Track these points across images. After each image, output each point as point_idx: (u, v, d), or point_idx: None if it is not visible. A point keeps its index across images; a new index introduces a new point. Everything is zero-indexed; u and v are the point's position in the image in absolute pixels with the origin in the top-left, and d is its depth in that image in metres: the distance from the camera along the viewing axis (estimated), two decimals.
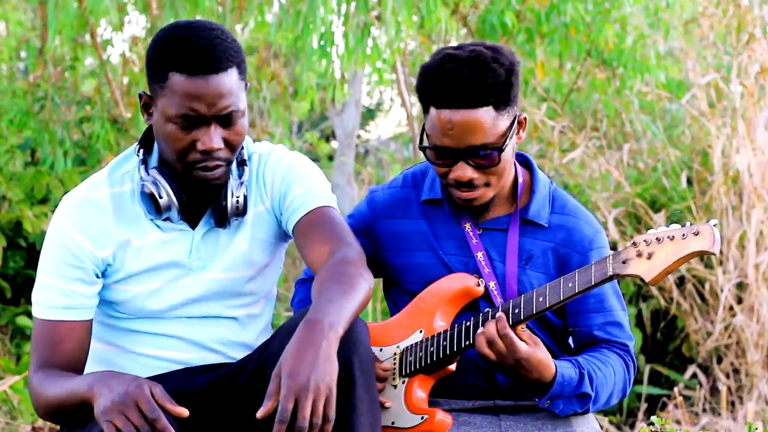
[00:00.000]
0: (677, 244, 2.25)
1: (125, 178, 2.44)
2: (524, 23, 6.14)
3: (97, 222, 2.40)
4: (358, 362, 2.23)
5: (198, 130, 2.31)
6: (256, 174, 2.50)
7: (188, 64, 2.27)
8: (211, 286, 2.46)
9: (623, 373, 2.58)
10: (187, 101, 2.28)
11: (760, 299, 5.30)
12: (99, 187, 2.43)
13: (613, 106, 6.33)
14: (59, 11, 5.56)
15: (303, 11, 5.40)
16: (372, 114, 13.52)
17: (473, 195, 2.51)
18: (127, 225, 2.42)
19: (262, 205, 2.50)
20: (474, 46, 2.49)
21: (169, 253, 2.43)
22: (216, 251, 2.46)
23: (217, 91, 2.29)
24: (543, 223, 2.59)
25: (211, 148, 2.31)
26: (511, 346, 2.37)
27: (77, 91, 6.56)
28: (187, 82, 2.28)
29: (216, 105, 2.29)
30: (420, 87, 2.51)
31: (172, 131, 2.32)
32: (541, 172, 2.66)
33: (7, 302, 6.11)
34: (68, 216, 2.40)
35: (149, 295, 2.44)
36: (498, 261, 2.58)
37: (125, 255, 2.41)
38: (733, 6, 6.00)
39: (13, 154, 6.14)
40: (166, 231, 2.43)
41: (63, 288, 2.37)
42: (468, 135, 2.44)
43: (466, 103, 2.43)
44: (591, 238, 2.60)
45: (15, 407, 4.70)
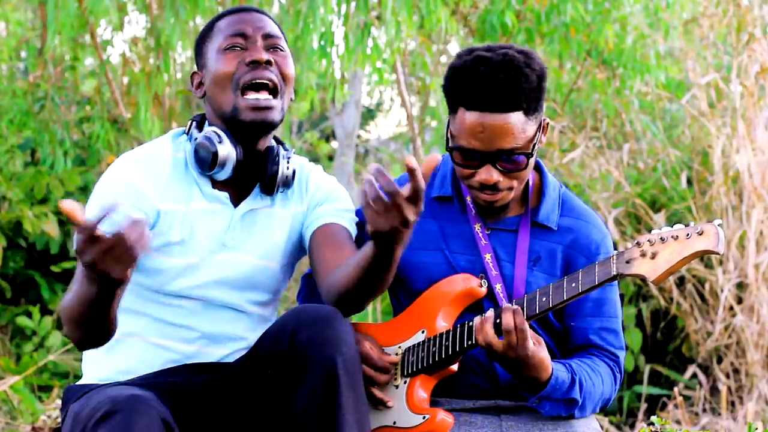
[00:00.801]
0: (681, 244, 2.26)
1: (180, 146, 2.51)
2: (524, 23, 6.14)
3: (158, 177, 2.45)
4: (342, 361, 2.25)
5: (247, 51, 2.44)
6: (299, 178, 2.59)
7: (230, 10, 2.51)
8: (241, 269, 2.49)
9: (611, 384, 2.60)
10: (234, 26, 2.46)
11: (760, 299, 5.30)
12: (163, 148, 2.50)
13: (613, 106, 6.33)
14: (59, 11, 5.55)
15: (303, 11, 5.40)
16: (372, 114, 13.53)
17: (496, 198, 2.52)
18: (179, 190, 2.46)
19: (301, 206, 2.57)
20: (505, 49, 2.49)
21: (208, 225, 2.47)
22: (252, 234, 2.51)
23: (262, 20, 2.50)
24: (552, 226, 2.60)
25: (259, 58, 2.42)
26: (523, 341, 2.38)
27: (77, 91, 6.56)
28: (232, 17, 2.49)
29: (262, 27, 2.47)
30: (449, 87, 2.50)
31: (224, 59, 2.45)
32: (551, 175, 2.66)
33: (7, 302, 6.11)
34: (131, 163, 2.44)
35: (183, 270, 2.45)
36: (506, 262, 2.59)
37: (172, 220, 2.44)
38: (733, 6, 6.00)
39: (13, 154, 6.13)
40: (210, 200, 2.47)
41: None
42: (498, 139, 2.45)
43: (500, 107, 2.43)
44: (598, 242, 2.60)
45: (15, 407, 4.70)
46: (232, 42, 2.46)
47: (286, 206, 2.57)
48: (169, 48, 5.73)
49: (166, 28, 5.52)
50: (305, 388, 2.25)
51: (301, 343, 2.26)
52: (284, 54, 2.50)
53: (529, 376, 2.43)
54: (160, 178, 2.45)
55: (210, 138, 2.44)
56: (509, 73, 2.43)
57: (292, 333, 2.28)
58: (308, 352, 2.25)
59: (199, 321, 2.49)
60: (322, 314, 2.31)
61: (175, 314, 2.48)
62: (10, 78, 6.87)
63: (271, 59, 2.45)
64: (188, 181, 2.48)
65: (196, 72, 2.54)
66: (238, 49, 2.46)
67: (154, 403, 2.21)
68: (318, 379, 2.24)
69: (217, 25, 2.51)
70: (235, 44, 2.46)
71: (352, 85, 8.56)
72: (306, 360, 2.25)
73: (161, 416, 2.20)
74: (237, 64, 2.44)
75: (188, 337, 2.48)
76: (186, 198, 2.46)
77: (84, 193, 6.14)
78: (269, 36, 2.49)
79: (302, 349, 2.25)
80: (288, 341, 2.28)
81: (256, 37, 2.47)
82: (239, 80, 2.43)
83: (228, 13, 2.52)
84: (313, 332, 2.26)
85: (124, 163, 2.45)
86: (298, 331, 2.27)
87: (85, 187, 6.15)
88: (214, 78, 2.46)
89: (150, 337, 2.48)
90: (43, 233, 5.92)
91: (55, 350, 5.59)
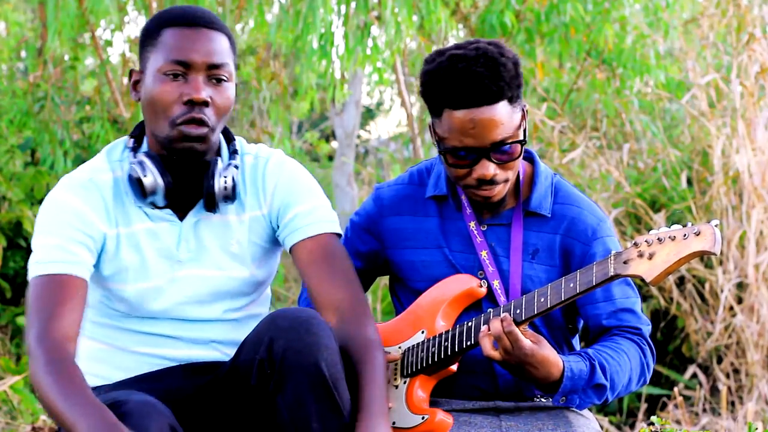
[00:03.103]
0: (678, 244, 2.25)
1: (118, 166, 2.46)
2: (524, 23, 6.14)
3: (100, 202, 2.41)
4: (324, 367, 2.21)
5: (186, 83, 2.35)
6: (254, 176, 2.50)
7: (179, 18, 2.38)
8: (206, 283, 2.45)
9: (639, 357, 2.55)
10: (177, 51, 2.35)
11: (760, 299, 5.30)
12: (101, 170, 2.45)
13: (613, 106, 6.33)
14: (59, 11, 5.55)
15: (303, 11, 5.40)
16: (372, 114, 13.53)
17: (494, 192, 2.51)
18: (123, 212, 2.43)
19: (258, 210, 2.50)
20: (474, 44, 2.49)
21: (158, 244, 2.43)
22: (206, 245, 2.46)
23: (209, 45, 2.37)
24: (545, 213, 2.59)
25: (198, 98, 2.34)
26: (516, 342, 2.37)
27: (77, 91, 6.56)
28: (179, 32, 2.37)
29: (207, 56, 2.36)
30: (430, 91, 2.49)
31: (161, 86, 2.36)
32: (543, 164, 2.66)
33: (7, 302, 6.11)
34: (73, 190, 2.40)
35: (147, 294, 2.43)
36: (503, 257, 2.59)
37: (119, 243, 2.41)
38: (733, 6, 6.00)
39: (13, 154, 6.13)
40: (155, 220, 2.43)
41: (66, 246, 2.34)
42: (490, 131, 2.44)
43: (485, 99, 2.43)
44: (594, 227, 2.59)
45: (15, 407, 4.70)
46: (173, 68, 2.35)
47: (242, 211, 2.49)
48: None
49: None
50: (287, 396, 2.22)
51: (279, 351, 2.22)
52: (226, 86, 2.40)
53: (538, 376, 2.42)
54: (102, 203, 2.41)
55: (135, 169, 2.38)
56: (487, 65, 2.43)
57: (270, 341, 2.24)
58: (287, 361, 2.21)
59: (183, 330, 2.47)
60: (299, 320, 2.26)
61: (156, 328, 2.46)
62: (10, 78, 6.87)
63: (208, 100, 2.35)
64: (130, 202, 2.43)
65: (135, 71, 2.45)
66: (179, 78, 2.35)
67: (162, 409, 2.20)
68: (300, 387, 2.21)
69: (164, 34, 2.38)
70: (176, 72, 2.35)
71: (352, 85, 8.56)
72: (285, 368, 2.21)
73: (170, 423, 2.19)
74: (175, 99, 2.35)
75: (174, 344, 2.47)
76: (131, 220, 2.42)
77: None
78: (213, 66, 2.37)
79: (281, 357, 2.21)
80: (266, 350, 2.24)
81: (199, 67, 2.35)
82: (174, 118, 2.35)
83: (179, 23, 2.39)
84: (292, 339, 2.22)
85: (66, 189, 2.40)
86: (275, 338, 2.23)
87: None
88: (150, 100, 2.38)
89: (136, 347, 2.47)
90: None
91: None
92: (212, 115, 2.37)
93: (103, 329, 2.49)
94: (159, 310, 2.44)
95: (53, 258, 2.33)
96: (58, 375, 2.19)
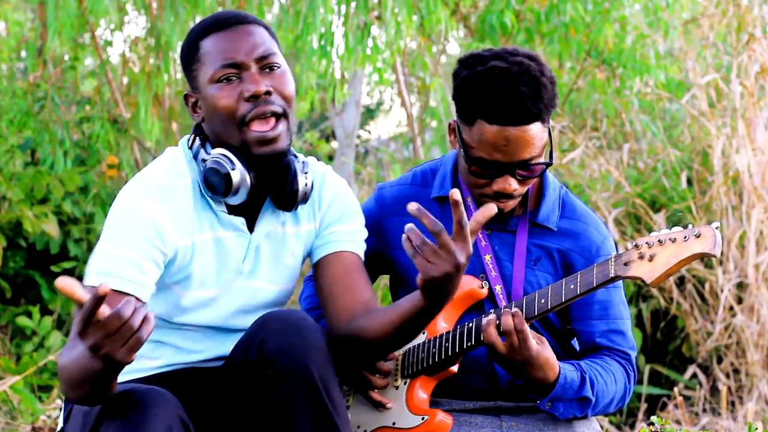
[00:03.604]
0: (678, 246, 2.26)
1: (191, 168, 2.39)
2: (524, 23, 6.14)
3: (180, 210, 2.33)
4: (314, 368, 2.21)
5: (242, 83, 2.31)
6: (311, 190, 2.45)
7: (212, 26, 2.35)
8: (257, 295, 2.44)
9: (624, 382, 2.58)
10: (223, 55, 2.31)
11: (760, 299, 5.30)
12: (176, 174, 2.36)
13: (613, 106, 6.33)
14: (59, 11, 5.56)
15: (303, 11, 5.40)
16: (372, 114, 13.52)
17: (508, 205, 2.52)
18: (197, 219, 2.36)
19: (312, 223, 2.49)
20: (514, 56, 2.47)
21: (226, 254, 2.38)
22: (267, 259, 2.43)
23: (251, 39, 2.32)
24: (552, 227, 2.59)
25: (257, 91, 2.29)
26: (525, 342, 2.37)
27: (77, 91, 6.55)
28: (218, 37, 2.33)
29: (253, 49, 2.31)
30: (465, 97, 2.47)
31: (218, 92, 2.31)
32: (551, 176, 2.66)
33: (7, 302, 6.11)
34: (154, 196, 2.30)
35: (201, 302, 2.39)
36: (506, 262, 2.59)
37: (193, 253, 2.35)
38: (733, 6, 5.99)
39: (13, 154, 6.13)
40: (226, 228, 2.38)
41: (140, 263, 2.25)
42: (521, 150, 2.44)
43: (524, 120, 2.42)
44: (599, 244, 2.60)
45: (15, 407, 4.70)
46: (224, 73, 2.31)
47: (297, 224, 2.47)
48: (169, 48, 5.72)
49: (166, 28, 5.53)
50: (279, 397, 2.21)
51: (269, 352, 2.21)
52: (281, 72, 2.35)
53: (536, 377, 2.42)
54: (179, 211, 2.32)
55: (221, 163, 2.31)
56: (530, 84, 2.42)
57: (260, 343, 2.23)
58: (278, 363, 2.20)
59: (209, 345, 2.45)
60: (290, 321, 2.24)
61: (184, 339, 2.43)
62: (10, 78, 6.87)
63: (270, 88, 2.31)
64: (204, 208, 2.37)
65: (189, 93, 2.40)
66: (234, 80, 2.31)
67: (171, 399, 2.19)
68: (290, 389, 2.20)
69: (203, 46, 2.34)
70: (229, 75, 2.31)
71: (352, 85, 8.56)
72: (276, 370, 2.21)
73: (179, 413, 2.18)
74: (236, 99, 2.30)
75: (193, 359, 2.45)
76: (203, 227, 2.36)
77: (84, 193, 6.14)
78: (262, 58, 2.32)
79: (271, 359, 2.21)
80: (256, 352, 2.23)
81: (250, 63, 2.31)
82: (243, 117, 2.30)
83: (212, 30, 2.35)
84: (282, 341, 2.21)
85: (143, 197, 2.30)
86: (265, 340, 2.23)
87: (85, 187, 6.15)
88: (213, 111, 2.32)
89: (154, 360, 2.44)
90: (43, 233, 5.92)
91: (55, 350, 5.59)
92: (280, 101, 2.32)
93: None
94: (201, 320, 2.41)
95: (125, 275, 2.24)
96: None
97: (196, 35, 2.36)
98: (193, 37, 2.37)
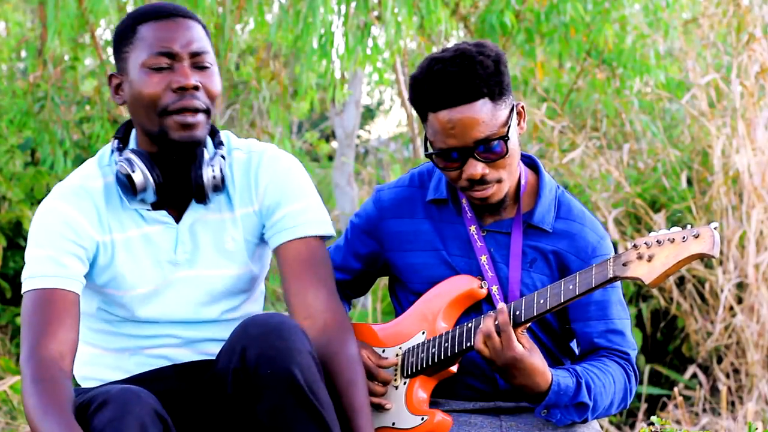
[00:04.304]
0: (677, 247, 2.25)
1: (108, 171, 2.42)
2: (524, 23, 6.14)
3: (93, 209, 2.37)
4: (298, 372, 2.20)
5: (173, 73, 2.32)
6: (246, 172, 2.46)
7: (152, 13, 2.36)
8: (202, 284, 2.43)
9: (623, 382, 2.56)
10: (159, 43, 2.33)
11: (760, 299, 5.30)
12: (92, 176, 2.41)
13: (613, 106, 6.33)
14: (59, 11, 5.56)
15: (303, 11, 5.40)
16: (372, 114, 13.52)
17: (487, 193, 2.50)
18: (116, 218, 2.39)
19: (251, 206, 2.47)
20: (457, 45, 2.50)
21: (155, 248, 2.40)
22: (202, 245, 2.43)
23: (188, 33, 2.35)
24: (547, 228, 2.58)
25: (186, 84, 2.31)
26: (508, 342, 2.37)
27: (77, 91, 6.56)
28: (156, 25, 2.35)
29: (189, 44, 2.33)
30: (413, 97, 2.50)
31: (147, 78, 2.32)
32: (548, 175, 2.65)
33: (7, 302, 6.11)
34: (65, 198, 2.36)
35: (144, 299, 2.41)
36: (502, 263, 2.58)
37: (114, 250, 2.38)
38: (733, 6, 6.00)
39: (13, 154, 6.13)
40: (150, 223, 2.40)
41: (58, 259, 2.31)
42: (471, 130, 2.44)
43: (461, 98, 2.43)
44: (594, 245, 2.59)
45: (15, 407, 4.70)
46: (156, 62, 2.32)
47: (232, 209, 2.46)
48: None
49: None
50: (264, 404, 2.20)
51: (251, 359, 2.20)
52: (211, 72, 2.37)
53: (524, 384, 2.41)
54: (94, 210, 2.37)
55: (123, 166, 2.34)
56: (462, 64, 2.43)
57: (242, 350, 2.22)
58: (261, 369, 2.19)
59: (182, 331, 2.45)
60: (269, 326, 2.23)
61: (154, 330, 2.44)
62: (10, 78, 6.87)
63: (199, 84, 2.32)
64: (125, 208, 2.40)
65: (114, 74, 2.40)
66: (165, 69, 2.32)
67: (145, 396, 2.19)
68: (276, 394, 2.19)
69: (140, 30, 2.35)
70: (160, 65, 2.32)
71: (352, 85, 8.55)
72: (260, 377, 2.19)
73: (154, 408, 2.18)
74: (163, 89, 2.31)
75: (174, 346, 2.45)
76: (125, 225, 2.39)
77: None
78: (196, 54, 2.34)
79: (254, 366, 2.19)
80: (239, 359, 2.22)
81: (183, 56, 2.33)
82: (166, 107, 2.32)
83: (152, 17, 2.36)
84: (263, 346, 2.20)
85: (56, 200, 2.36)
86: (247, 347, 2.21)
87: None
88: (137, 96, 2.34)
89: (135, 351, 2.45)
90: None
91: None
92: (205, 99, 2.34)
93: (101, 335, 2.47)
94: (157, 314, 2.43)
95: (45, 272, 2.30)
96: (41, 395, 2.18)
97: (134, 19, 2.38)
98: (131, 20, 2.39)
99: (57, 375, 2.22)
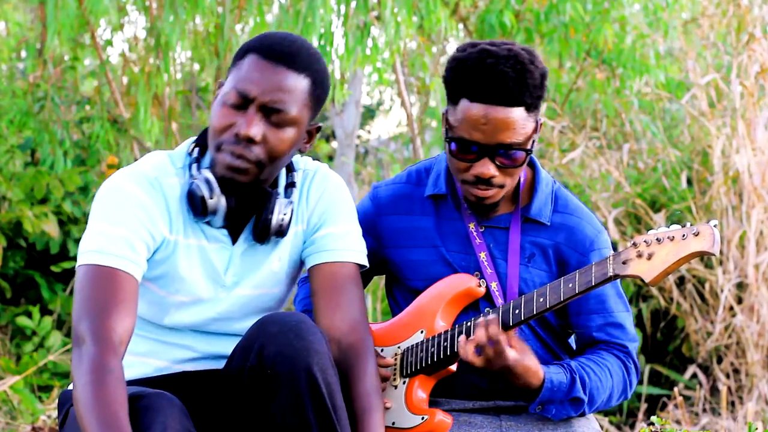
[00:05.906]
0: (677, 245, 2.26)
1: (182, 173, 2.38)
2: (523, 23, 6.14)
3: (164, 204, 2.33)
4: (316, 371, 2.19)
5: (243, 115, 2.28)
6: (299, 191, 2.45)
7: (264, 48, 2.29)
8: (241, 302, 2.42)
9: (622, 375, 2.57)
10: (243, 81, 2.28)
11: (760, 299, 5.30)
12: (168, 173, 2.36)
13: (612, 106, 6.33)
14: (59, 11, 5.55)
15: (303, 11, 5.39)
16: (372, 114, 13.51)
17: (488, 194, 2.51)
18: (184, 222, 2.36)
19: (300, 225, 2.46)
20: (509, 45, 2.48)
21: (208, 263, 2.38)
22: (250, 269, 2.42)
23: (276, 84, 2.28)
24: (545, 221, 2.59)
25: (243, 134, 2.27)
26: (501, 353, 2.38)
27: (77, 91, 6.56)
28: (256, 62, 2.29)
29: (266, 95, 2.27)
30: (453, 77, 2.48)
31: (220, 109, 2.30)
32: (544, 171, 2.66)
33: (7, 302, 6.11)
34: (140, 184, 2.31)
35: (183, 306, 2.39)
36: (500, 259, 2.58)
37: (175, 250, 2.35)
38: (733, 6, 6.00)
39: (13, 154, 6.13)
40: (210, 240, 2.38)
41: (132, 242, 2.25)
42: (500, 132, 2.44)
43: (505, 100, 2.42)
44: (592, 238, 2.59)
45: (15, 407, 4.70)
46: (232, 98, 2.29)
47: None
48: (169, 48, 5.72)
49: (166, 28, 5.52)
50: (280, 402, 2.19)
51: (269, 357, 2.19)
52: (282, 132, 2.29)
53: (517, 384, 2.44)
54: (165, 206, 2.34)
55: (201, 187, 2.31)
56: (515, 67, 2.43)
57: (260, 347, 2.21)
58: (278, 367, 2.18)
59: (198, 343, 2.44)
60: (289, 324, 2.22)
61: (173, 337, 2.43)
62: (10, 78, 6.87)
63: (257, 137, 2.26)
64: (190, 216, 2.36)
65: (224, 82, 2.37)
66: (238, 108, 2.29)
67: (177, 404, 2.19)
68: (292, 393, 2.18)
69: (245, 59, 2.31)
70: (234, 102, 2.29)
71: (352, 85, 8.54)
72: (277, 375, 2.18)
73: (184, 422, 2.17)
74: (225, 126, 2.29)
75: (185, 356, 2.44)
76: (188, 232, 2.36)
77: (84, 193, 6.14)
78: (272, 108, 2.27)
79: (271, 364, 2.18)
80: (256, 356, 2.21)
81: (257, 104, 2.27)
82: (220, 144, 2.30)
83: (259, 52, 2.30)
84: (282, 345, 2.18)
85: (130, 183, 2.31)
86: (265, 345, 2.20)
87: (86, 187, 6.15)
88: (211, 117, 2.33)
89: (144, 357, 2.43)
90: (43, 233, 5.92)
91: (55, 350, 5.59)
92: (262, 154, 2.29)
93: None
94: (183, 323, 2.41)
95: (118, 252, 2.23)
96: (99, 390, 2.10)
97: (252, 44, 2.33)
98: (249, 44, 2.34)
99: (118, 367, 2.14)
